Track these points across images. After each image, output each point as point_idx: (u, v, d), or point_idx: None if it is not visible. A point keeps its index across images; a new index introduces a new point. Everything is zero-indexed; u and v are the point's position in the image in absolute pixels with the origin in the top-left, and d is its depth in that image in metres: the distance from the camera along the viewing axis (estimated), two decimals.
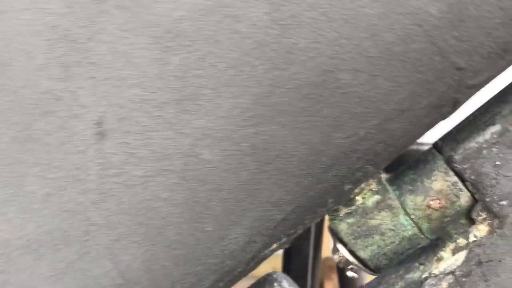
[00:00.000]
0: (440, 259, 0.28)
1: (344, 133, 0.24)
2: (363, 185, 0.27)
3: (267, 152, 0.25)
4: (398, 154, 0.26)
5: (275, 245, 0.27)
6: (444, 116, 0.24)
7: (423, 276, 0.28)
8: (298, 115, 0.24)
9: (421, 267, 0.28)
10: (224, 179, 0.25)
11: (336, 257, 0.30)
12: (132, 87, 0.25)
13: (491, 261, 0.26)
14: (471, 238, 0.27)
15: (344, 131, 0.24)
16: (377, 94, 0.24)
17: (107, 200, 0.26)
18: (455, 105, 0.24)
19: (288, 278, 0.32)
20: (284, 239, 0.27)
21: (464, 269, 0.27)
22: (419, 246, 0.28)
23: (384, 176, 0.28)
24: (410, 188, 0.27)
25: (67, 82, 0.25)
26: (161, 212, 0.26)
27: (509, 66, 0.24)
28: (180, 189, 0.26)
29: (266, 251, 0.27)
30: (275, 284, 0.30)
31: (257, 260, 0.27)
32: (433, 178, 0.27)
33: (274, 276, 0.31)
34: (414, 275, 0.28)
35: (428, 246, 0.29)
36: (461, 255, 0.27)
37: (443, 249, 0.28)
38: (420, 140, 0.28)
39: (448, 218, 0.27)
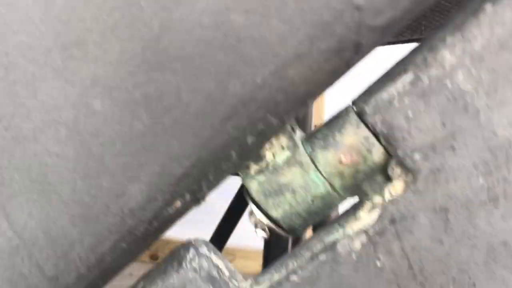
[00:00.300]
0: (357, 219, 0.26)
1: (241, 80, 0.23)
2: (274, 141, 0.26)
3: (160, 101, 0.23)
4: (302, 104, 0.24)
5: (178, 203, 0.25)
6: (347, 62, 0.23)
7: (339, 237, 0.26)
8: (191, 61, 0.23)
9: (340, 228, 0.27)
10: (117, 132, 0.24)
11: (252, 220, 0.28)
12: (16, 33, 0.23)
13: (404, 218, 0.25)
14: (386, 196, 0.25)
15: (240, 78, 0.23)
16: (272, 37, 0.22)
17: None
18: (358, 49, 0.22)
19: (210, 244, 0.30)
20: (188, 197, 0.25)
21: (377, 227, 0.25)
22: (335, 205, 0.27)
23: (298, 133, 0.26)
24: (322, 143, 0.26)
25: None
26: (54, 167, 0.25)
27: (417, 7, 0.22)
28: (72, 143, 0.24)
29: (170, 210, 0.26)
30: (192, 249, 0.29)
31: (162, 220, 0.26)
32: (344, 132, 0.25)
33: (192, 241, 0.30)
34: (332, 236, 0.27)
35: (350, 207, 0.27)
36: (375, 214, 0.25)
37: (361, 208, 0.26)
38: None
39: (362, 175, 0.26)
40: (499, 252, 0.24)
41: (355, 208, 0.27)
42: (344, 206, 0.28)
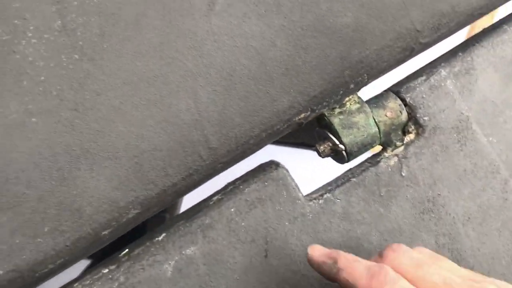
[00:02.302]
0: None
1: (359, 50, 0.41)
2: (350, 97, 0.44)
3: (314, 51, 0.40)
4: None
5: (302, 115, 0.41)
6: (410, 52, 0.43)
7: (379, 159, 0.44)
8: (338, 34, 0.41)
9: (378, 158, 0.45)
10: (285, 60, 0.40)
11: (321, 148, 0.44)
12: None
13: (417, 151, 0.44)
14: (405, 141, 0.45)
15: (359, 49, 0.41)
16: (377, 29, 0.42)
17: (204, 56, 0.38)
18: (411, 52, 0.43)
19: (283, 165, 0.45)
20: (308, 113, 0.41)
21: (403, 154, 0.44)
22: (373, 145, 0.45)
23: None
24: (375, 105, 0.45)
25: None
26: (240, 73, 0.39)
27: None
28: (255, 60, 0.39)
29: (296, 118, 0.41)
30: (273, 165, 0.43)
31: (289, 125, 0.41)
32: (388, 101, 0.45)
33: (271, 161, 0.44)
34: (378, 158, 0.44)
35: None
36: (401, 148, 0.44)
37: (388, 149, 0.45)
38: None
39: (394, 127, 0.45)
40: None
41: (384, 148, 0.46)
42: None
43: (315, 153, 0.45)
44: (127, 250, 0.40)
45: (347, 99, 0.44)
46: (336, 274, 0.34)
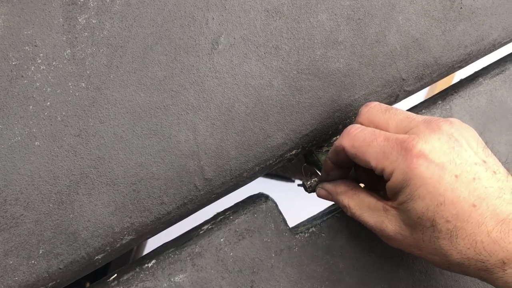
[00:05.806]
0: None
1: (348, 95, 0.44)
2: (337, 136, 0.46)
3: (307, 92, 0.43)
4: None
5: (294, 151, 0.43)
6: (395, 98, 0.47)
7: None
8: (330, 79, 0.43)
9: None
10: (280, 101, 0.42)
11: (308, 183, 0.47)
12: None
13: None
14: None
15: (349, 94, 0.44)
16: (364, 76, 0.45)
17: (205, 91, 0.40)
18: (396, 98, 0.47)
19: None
20: (299, 150, 0.43)
21: None
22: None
23: None
24: None
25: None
26: (238, 109, 0.41)
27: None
28: (253, 98, 0.41)
29: (288, 154, 0.43)
30: (263, 197, 0.45)
31: (281, 160, 0.43)
32: None
33: (261, 193, 0.46)
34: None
35: None
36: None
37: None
38: None
39: None
40: None
41: None
42: None
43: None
44: (116, 274, 0.41)
45: (334, 138, 0.47)
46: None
